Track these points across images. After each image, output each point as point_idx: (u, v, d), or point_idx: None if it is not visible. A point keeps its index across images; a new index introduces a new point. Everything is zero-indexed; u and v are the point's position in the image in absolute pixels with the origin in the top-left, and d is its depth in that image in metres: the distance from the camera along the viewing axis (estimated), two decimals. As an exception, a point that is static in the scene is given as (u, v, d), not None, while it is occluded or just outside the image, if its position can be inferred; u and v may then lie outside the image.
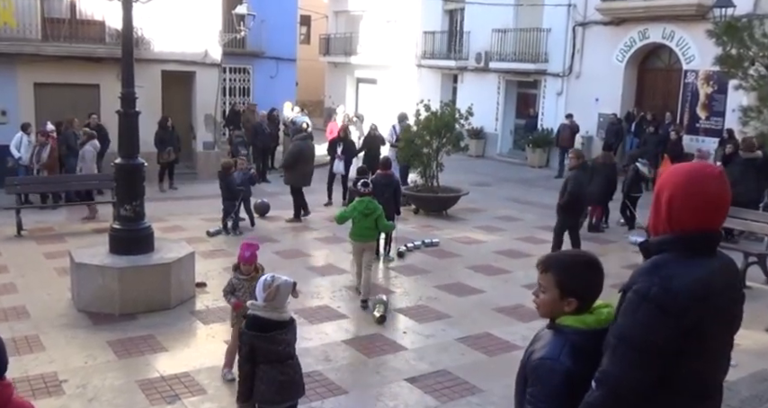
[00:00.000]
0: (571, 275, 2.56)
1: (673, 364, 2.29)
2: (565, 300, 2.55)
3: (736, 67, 5.96)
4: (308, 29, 35.17)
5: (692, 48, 17.49)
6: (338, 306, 8.37)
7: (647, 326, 2.26)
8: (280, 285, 4.54)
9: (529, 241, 11.92)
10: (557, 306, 2.57)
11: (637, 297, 2.30)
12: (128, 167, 8.23)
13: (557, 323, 2.57)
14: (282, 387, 4.52)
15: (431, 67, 26.02)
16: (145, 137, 10.30)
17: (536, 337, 2.68)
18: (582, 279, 2.56)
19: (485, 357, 6.96)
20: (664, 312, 2.24)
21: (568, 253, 2.73)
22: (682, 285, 2.24)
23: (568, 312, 2.55)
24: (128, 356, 6.71)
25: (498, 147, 23.76)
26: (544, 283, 2.61)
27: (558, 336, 2.54)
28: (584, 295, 2.56)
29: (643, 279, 2.32)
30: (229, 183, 11.75)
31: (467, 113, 14.11)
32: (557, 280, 2.56)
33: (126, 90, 8.12)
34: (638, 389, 2.30)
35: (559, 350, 2.47)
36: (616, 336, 2.34)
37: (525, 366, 2.60)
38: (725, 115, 16.85)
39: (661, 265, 2.33)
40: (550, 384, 2.46)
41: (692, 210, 2.34)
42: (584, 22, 20.35)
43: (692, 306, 2.23)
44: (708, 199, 2.34)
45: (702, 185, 2.34)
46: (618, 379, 2.30)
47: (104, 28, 16.63)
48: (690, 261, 2.32)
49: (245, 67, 24.28)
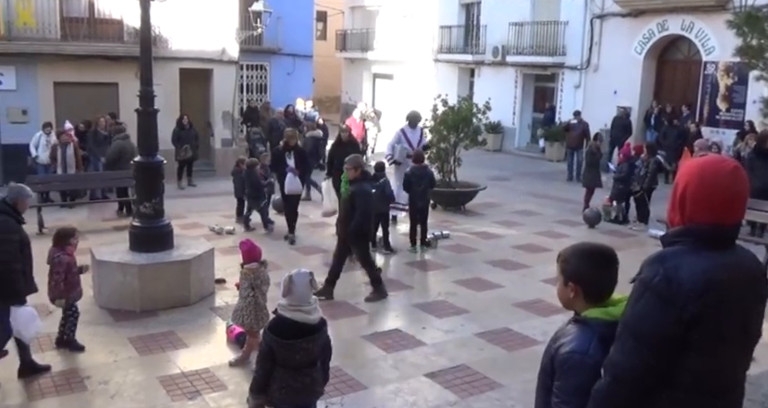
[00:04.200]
0: (570, 262, 2.65)
1: (677, 356, 2.28)
2: (569, 287, 2.62)
3: (757, 58, 5.87)
4: (325, 25, 35.19)
5: (711, 40, 17.27)
6: (357, 303, 8.38)
7: (648, 315, 2.29)
8: (292, 275, 4.41)
9: (547, 235, 11.86)
10: (565, 293, 2.66)
11: (641, 286, 2.33)
12: (147, 165, 8.29)
13: (583, 317, 2.59)
14: (294, 393, 4.40)
15: (448, 62, 25.93)
16: (163, 135, 10.37)
17: (560, 332, 2.69)
18: (581, 266, 2.61)
19: (504, 352, 6.94)
20: (665, 301, 2.25)
21: (576, 244, 2.78)
22: (685, 276, 2.24)
23: (575, 298, 2.61)
24: (149, 352, 6.77)
25: (516, 141, 23.65)
26: (557, 274, 2.72)
27: (584, 329, 2.56)
28: (583, 280, 2.60)
29: (648, 268, 2.34)
30: (255, 181, 11.83)
31: (484, 108, 14.05)
32: (561, 268, 2.68)
33: (144, 88, 8.17)
34: (639, 377, 2.31)
35: (588, 344, 2.50)
36: (622, 324, 2.38)
37: (553, 359, 2.61)
38: (745, 107, 16.63)
39: (668, 256, 2.34)
40: (579, 378, 2.47)
41: (704, 204, 2.33)
42: (602, 14, 20.16)
43: (694, 298, 2.22)
44: (720, 193, 2.32)
45: (715, 179, 2.33)
46: (620, 367, 2.34)
47: (123, 27, 16.76)
48: (698, 253, 2.31)
49: (263, 64, 24.36)
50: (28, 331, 5.97)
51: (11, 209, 5.92)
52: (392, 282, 9.21)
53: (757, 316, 2.43)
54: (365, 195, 8.36)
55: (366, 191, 8.43)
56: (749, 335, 2.41)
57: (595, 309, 2.56)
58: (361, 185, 8.36)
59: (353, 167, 8.39)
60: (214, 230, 11.68)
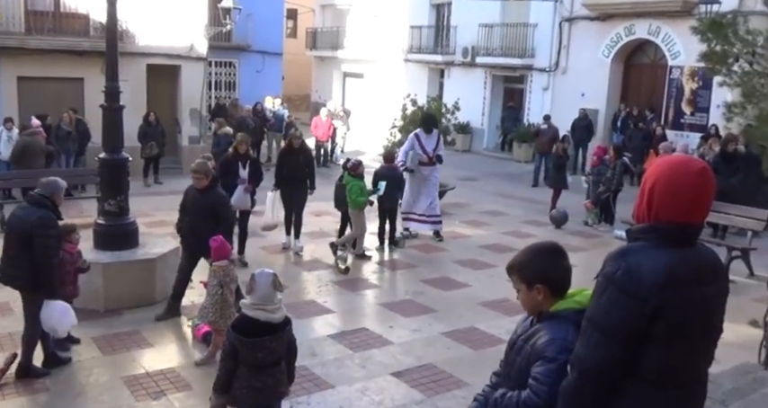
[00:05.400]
0: (527, 265, 2.73)
1: (640, 350, 2.32)
2: (534, 289, 2.69)
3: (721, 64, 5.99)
4: (295, 22, 35.04)
5: (677, 45, 17.56)
6: (324, 301, 8.37)
7: (611, 309, 2.32)
8: (255, 275, 4.42)
9: (515, 235, 11.95)
10: (532, 298, 2.72)
11: (604, 280, 2.37)
12: (112, 162, 8.18)
13: (553, 312, 2.66)
14: (256, 392, 4.38)
15: (418, 62, 25.99)
16: (129, 132, 10.24)
17: (529, 333, 2.72)
18: (541, 266, 2.70)
19: (470, 351, 6.99)
20: (627, 295, 2.29)
21: (524, 250, 2.84)
22: (646, 271, 2.28)
23: (543, 300, 2.68)
24: (113, 352, 6.69)
25: (485, 142, 23.79)
26: (515, 285, 2.79)
27: (558, 322, 2.63)
28: (548, 278, 2.68)
29: (611, 263, 2.37)
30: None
31: (453, 108, 14.12)
32: (519, 277, 2.75)
33: (110, 84, 8.05)
34: (606, 371, 2.34)
35: (565, 331, 2.58)
36: (586, 319, 2.42)
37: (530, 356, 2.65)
38: (709, 111, 16.94)
39: (631, 251, 2.38)
40: (560, 362, 2.52)
41: (671, 202, 2.37)
42: (571, 17, 20.38)
43: (656, 292, 2.26)
44: (687, 192, 2.36)
45: (683, 178, 2.37)
46: (585, 361, 2.37)
47: (89, 21, 16.46)
48: (661, 249, 2.35)
49: (231, 61, 24.17)
50: (62, 325, 5.98)
51: (50, 204, 5.95)
52: (360, 281, 9.22)
53: (719, 313, 2.48)
54: (223, 201, 7.56)
55: (223, 197, 7.63)
56: (711, 331, 2.46)
57: (563, 302, 2.66)
58: (215, 193, 7.46)
59: (204, 175, 7.36)
60: None
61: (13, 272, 5.87)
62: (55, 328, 5.95)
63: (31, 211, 5.85)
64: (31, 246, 5.69)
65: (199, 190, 7.42)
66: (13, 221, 5.96)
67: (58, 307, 5.93)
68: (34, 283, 5.80)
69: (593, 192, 13.04)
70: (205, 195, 7.38)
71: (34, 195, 5.99)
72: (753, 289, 8.99)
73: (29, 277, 5.78)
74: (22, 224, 5.80)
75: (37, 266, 5.74)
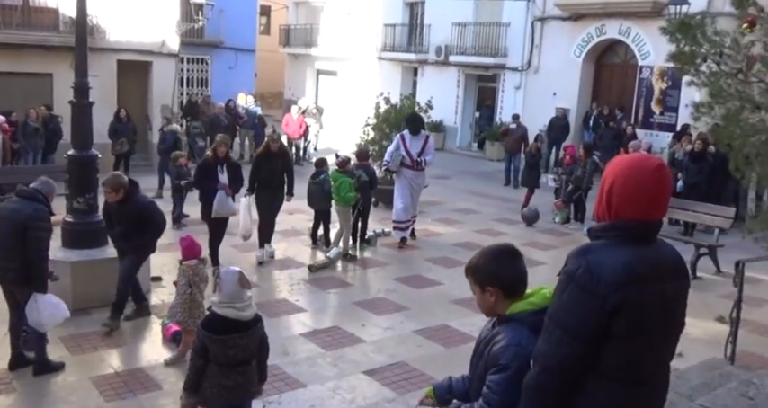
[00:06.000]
0: (480, 268, 2.74)
1: (601, 346, 2.34)
2: (487, 292, 2.70)
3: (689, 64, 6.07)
4: (268, 19, 34.87)
5: (647, 45, 17.77)
6: (296, 300, 8.35)
7: (572, 306, 2.35)
8: (221, 273, 4.42)
9: (487, 233, 12.02)
10: (485, 300, 2.73)
11: (565, 277, 2.40)
12: (81, 159, 8.07)
13: (509, 315, 2.66)
14: (226, 391, 4.35)
15: (391, 60, 26.00)
16: (99, 129, 10.12)
17: (488, 337, 2.73)
18: (492, 269, 2.71)
19: (442, 348, 7.01)
20: (587, 292, 2.32)
21: (479, 252, 2.84)
22: (606, 268, 2.31)
23: (496, 302, 2.69)
24: (81, 352, 6.60)
25: (458, 140, 23.87)
26: (471, 287, 2.81)
27: (513, 326, 2.63)
28: (500, 281, 2.68)
29: (572, 261, 2.40)
30: (181, 174, 11.75)
31: (426, 106, 14.15)
32: (473, 279, 2.77)
33: (79, 80, 7.95)
34: (567, 367, 2.37)
35: (520, 336, 2.58)
36: (548, 316, 2.44)
37: (487, 360, 2.66)
38: (678, 110, 17.17)
39: (592, 249, 2.42)
40: (513, 369, 2.53)
41: (630, 199, 2.40)
42: (543, 17, 20.52)
43: (615, 290, 2.29)
44: (645, 189, 2.40)
45: (641, 176, 2.40)
46: (547, 358, 2.39)
47: (58, 15, 16.26)
48: (621, 247, 2.38)
49: (204, 58, 24.03)
50: (53, 319, 5.96)
51: (45, 200, 6.03)
52: (332, 280, 9.21)
53: (680, 308, 2.51)
54: (149, 207, 7.12)
55: (148, 203, 7.20)
56: (671, 327, 2.49)
57: (518, 303, 2.65)
58: (135, 202, 7.04)
59: (114, 190, 6.89)
60: None
61: (7, 265, 5.84)
62: (42, 322, 5.89)
63: (25, 204, 5.88)
64: (25, 239, 5.71)
65: (117, 203, 6.98)
66: (5, 214, 5.94)
67: (51, 300, 5.93)
68: (26, 277, 5.80)
69: (564, 191, 13.16)
70: (126, 206, 6.98)
71: (28, 189, 6.05)
72: (719, 286, 9.14)
73: (21, 270, 5.79)
74: (16, 216, 5.80)
75: (29, 259, 5.76)
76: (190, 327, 6.15)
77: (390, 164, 10.90)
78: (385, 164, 10.97)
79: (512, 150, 17.48)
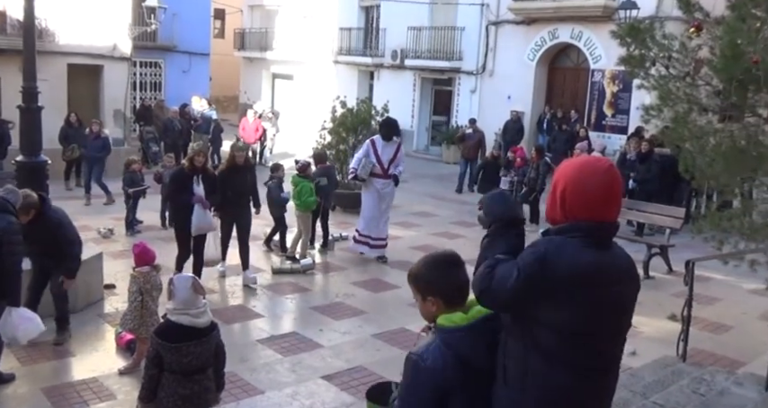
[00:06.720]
0: (420, 277, 2.67)
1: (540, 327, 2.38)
2: (428, 301, 2.64)
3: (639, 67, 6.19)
4: (223, 23, 34.57)
5: (598, 48, 18.10)
6: (254, 306, 8.28)
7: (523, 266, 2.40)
8: (173, 279, 4.36)
9: (444, 236, 12.09)
10: (427, 309, 2.67)
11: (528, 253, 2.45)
12: (30, 165, 7.88)
13: (436, 324, 2.63)
14: (183, 401, 4.28)
15: (347, 64, 25.99)
16: (50, 134, 9.91)
17: None
18: (432, 278, 2.65)
19: (400, 352, 7.00)
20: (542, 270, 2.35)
21: (421, 259, 2.77)
22: (563, 264, 2.35)
23: (437, 311, 2.63)
24: (32, 362, 6.44)
25: (414, 144, 23.96)
26: (413, 295, 2.73)
27: (432, 335, 2.61)
28: (440, 291, 2.63)
29: (531, 249, 2.45)
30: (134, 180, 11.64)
31: (383, 110, 14.18)
32: (414, 287, 2.70)
33: (28, 84, 7.78)
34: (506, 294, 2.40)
35: (426, 348, 2.53)
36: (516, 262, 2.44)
37: None
38: (630, 113, 17.52)
39: (545, 243, 2.46)
40: (412, 379, 2.52)
41: (583, 201, 2.44)
42: (497, 21, 20.75)
43: (563, 283, 2.33)
44: (598, 190, 2.44)
45: (592, 177, 2.44)
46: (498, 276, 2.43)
47: (5, 18, 15.92)
48: (577, 248, 2.40)
49: (157, 61, 23.71)
50: (27, 332, 5.84)
51: (14, 211, 5.84)
52: (290, 285, 9.15)
53: (629, 309, 2.55)
54: (57, 224, 6.54)
55: (56, 220, 6.55)
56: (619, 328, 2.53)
57: (441, 316, 2.59)
58: (46, 221, 6.43)
59: (24, 213, 6.14)
60: (101, 233, 11.26)
61: None
62: (17, 336, 5.77)
63: None
64: None
65: (29, 224, 6.23)
66: None
67: (25, 314, 5.80)
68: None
69: (518, 193, 13.32)
70: (38, 226, 6.34)
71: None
72: (671, 285, 9.33)
73: None
74: None
75: (3, 273, 5.57)
76: (143, 335, 6.04)
77: (359, 171, 9.99)
78: (352, 172, 10.16)
79: (468, 156, 17.18)
